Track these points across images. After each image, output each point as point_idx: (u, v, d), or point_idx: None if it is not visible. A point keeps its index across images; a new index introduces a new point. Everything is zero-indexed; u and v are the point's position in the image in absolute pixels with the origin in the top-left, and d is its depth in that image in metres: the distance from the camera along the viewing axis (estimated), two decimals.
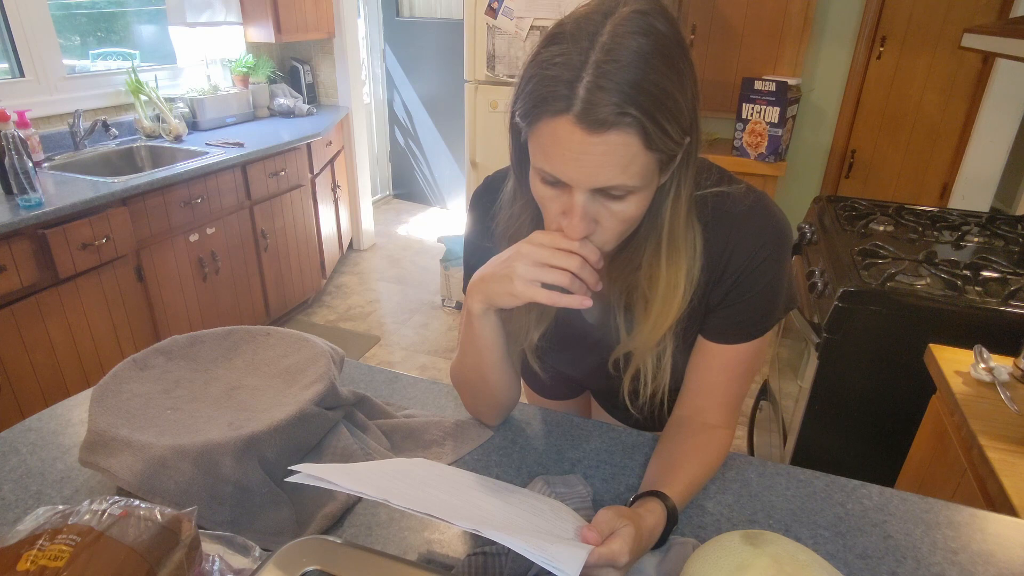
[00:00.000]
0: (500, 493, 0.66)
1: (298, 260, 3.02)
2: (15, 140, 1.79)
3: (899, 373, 1.45)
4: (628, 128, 0.55)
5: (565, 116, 0.55)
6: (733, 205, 0.70)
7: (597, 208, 0.61)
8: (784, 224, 0.72)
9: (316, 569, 0.54)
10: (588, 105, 0.54)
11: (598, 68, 0.54)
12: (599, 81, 0.54)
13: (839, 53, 2.97)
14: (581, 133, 0.55)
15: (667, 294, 0.69)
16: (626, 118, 0.54)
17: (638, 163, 0.57)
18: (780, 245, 0.72)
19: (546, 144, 0.58)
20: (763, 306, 0.74)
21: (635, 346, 0.74)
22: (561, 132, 0.56)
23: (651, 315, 0.70)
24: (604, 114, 0.54)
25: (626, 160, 0.56)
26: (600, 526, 0.58)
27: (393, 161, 4.93)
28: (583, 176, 0.58)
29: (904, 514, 0.74)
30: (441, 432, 0.85)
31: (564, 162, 0.58)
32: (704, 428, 0.78)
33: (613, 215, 0.62)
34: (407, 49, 4.44)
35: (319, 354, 0.85)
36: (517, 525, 0.57)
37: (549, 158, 0.59)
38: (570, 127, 0.55)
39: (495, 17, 2.55)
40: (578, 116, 0.55)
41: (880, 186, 3.11)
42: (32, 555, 0.50)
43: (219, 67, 3.10)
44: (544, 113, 0.57)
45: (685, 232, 0.68)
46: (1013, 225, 1.84)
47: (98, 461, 0.69)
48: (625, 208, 0.61)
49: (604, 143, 0.55)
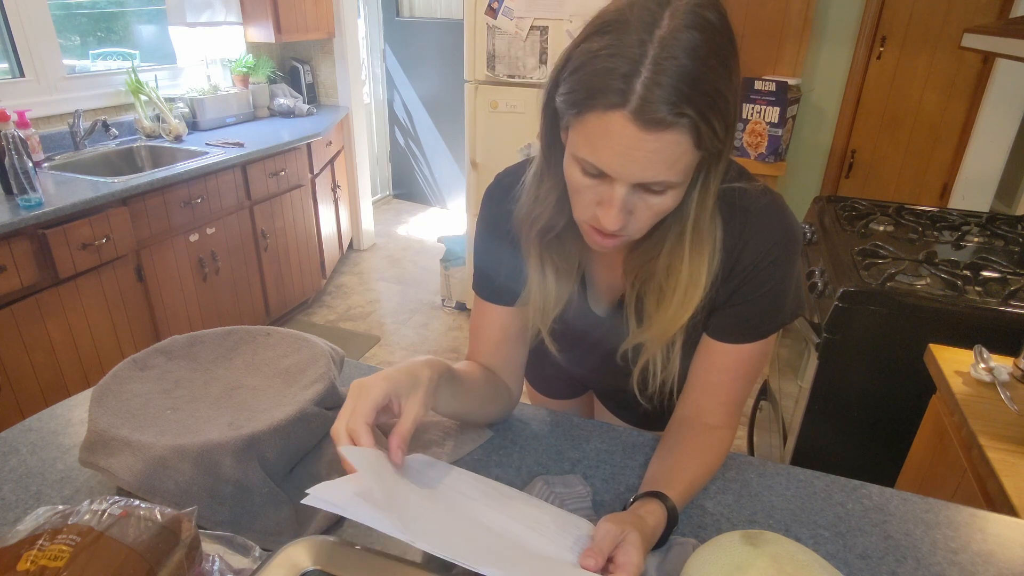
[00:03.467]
0: (501, 504, 0.66)
1: (298, 260, 3.02)
2: (15, 140, 1.79)
3: (899, 373, 1.45)
4: (683, 128, 0.54)
5: (620, 111, 0.54)
6: (749, 202, 0.69)
7: (635, 201, 0.60)
8: (796, 228, 0.72)
9: (316, 569, 0.54)
10: (644, 102, 0.52)
11: (656, 64, 0.52)
12: (657, 78, 0.52)
13: (839, 53, 2.97)
14: (635, 129, 0.54)
15: (688, 285, 0.68)
16: (683, 119, 0.53)
17: (685, 160, 0.56)
18: (790, 248, 0.71)
19: (594, 136, 0.56)
20: (769, 308, 0.73)
21: (648, 337, 0.73)
22: (614, 127, 0.54)
23: (670, 306, 0.69)
24: (662, 113, 0.52)
25: (675, 157, 0.56)
26: (601, 543, 0.58)
27: (393, 161, 4.93)
28: (630, 171, 0.57)
29: (904, 514, 0.74)
30: (441, 432, 0.85)
31: (612, 156, 0.56)
32: (705, 428, 0.78)
33: (649, 208, 0.61)
34: (407, 49, 4.44)
35: (319, 354, 0.85)
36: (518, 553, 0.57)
37: (596, 150, 0.57)
38: (623, 122, 0.54)
39: (495, 17, 2.55)
40: (634, 113, 0.53)
41: (880, 186, 3.11)
42: (32, 555, 0.50)
43: (219, 67, 3.10)
44: (597, 105, 0.55)
45: (710, 224, 0.67)
46: (1013, 225, 1.84)
47: (98, 461, 0.69)
48: (662, 202, 0.61)
49: (658, 141, 0.54)
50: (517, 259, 0.77)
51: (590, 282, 0.82)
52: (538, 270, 0.76)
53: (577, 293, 0.80)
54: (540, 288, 0.76)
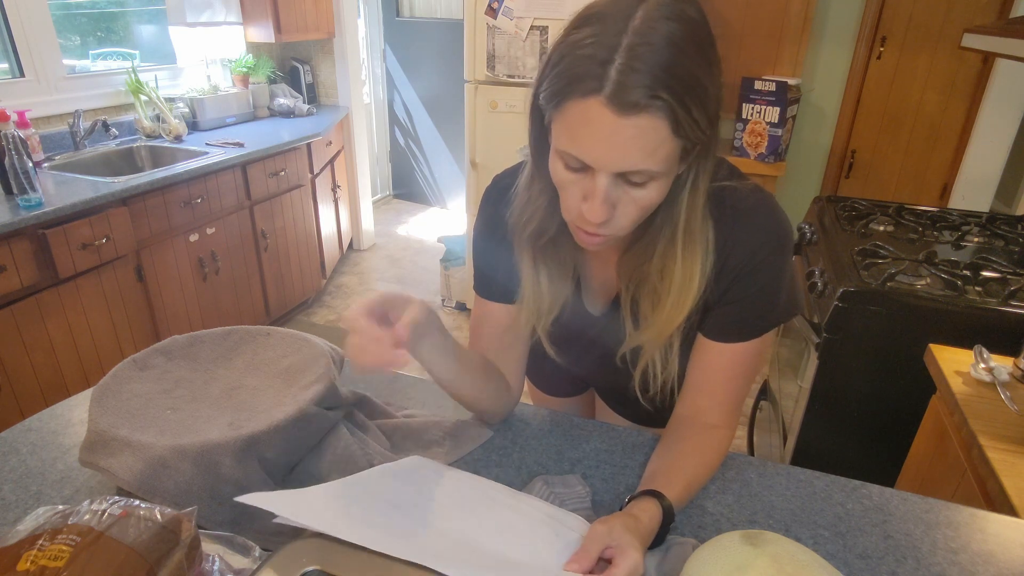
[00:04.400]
0: (487, 509, 0.66)
1: (298, 260, 3.02)
2: (15, 140, 1.79)
3: (899, 373, 1.45)
4: (658, 112, 0.55)
5: (596, 97, 0.55)
6: (738, 200, 0.70)
7: (618, 193, 0.61)
8: (786, 227, 0.72)
9: (316, 569, 0.54)
10: (619, 87, 0.54)
11: (631, 50, 0.54)
12: (632, 63, 0.54)
13: (839, 53, 2.97)
14: (611, 115, 0.55)
15: (682, 286, 0.69)
16: (657, 101, 0.54)
17: (664, 148, 0.57)
18: (781, 246, 0.71)
19: (574, 125, 0.58)
20: (761, 306, 0.73)
21: (645, 340, 0.74)
22: (591, 113, 0.56)
23: (664, 308, 0.70)
24: (636, 96, 0.54)
25: (654, 144, 0.56)
26: (589, 546, 0.59)
27: (393, 161, 4.93)
28: (609, 159, 0.58)
29: (904, 514, 0.74)
30: (441, 432, 0.85)
31: (592, 143, 0.57)
32: (704, 428, 0.78)
33: (633, 201, 0.62)
34: (407, 49, 4.44)
35: (319, 354, 0.85)
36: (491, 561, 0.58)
37: (576, 139, 0.58)
38: (600, 108, 0.55)
39: (495, 17, 2.55)
40: (609, 97, 0.54)
41: (880, 186, 3.11)
42: (32, 555, 0.50)
43: (219, 67, 3.10)
44: (574, 93, 0.56)
45: (702, 224, 0.67)
46: (1013, 225, 1.84)
47: (98, 461, 0.69)
48: (645, 195, 0.61)
49: (634, 126, 0.55)
50: (514, 259, 0.78)
51: (586, 283, 0.82)
52: (532, 274, 0.76)
53: (573, 294, 0.80)
54: (535, 292, 0.77)
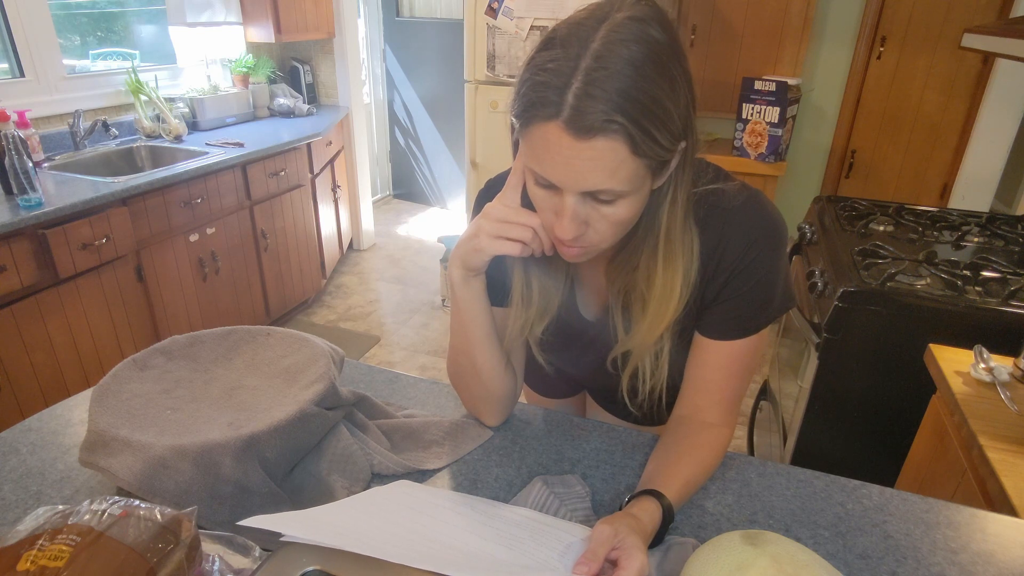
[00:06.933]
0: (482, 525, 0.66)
1: (298, 260, 3.02)
2: (15, 140, 1.79)
3: (899, 373, 1.45)
4: (614, 135, 0.56)
5: (554, 121, 0.56)
6: (726, 201, 0.71)
7: (588, 211, 0.62)
8: (777, 220, 0.73)
9: (316, 569, 0.54)
10: (576, 112, 0.55)
11: (588, 75, 0.55)
12: (588, 88, 0.55)
13: (839, 53, 2.97)
14: (569, 139, 0.56)
15: (663, 296, 0.70)
16: (612, 125, 0.55)
17: (625, 169, 0.58)
18: (773, 241, 0.72)
19: (537, 147, 0.60)
20: (758, 302, 0.74)
21: (633, 345, 0.75)
22: (550, 136, 0.57)
23: (647, 316, 0.71)
24: (591, 121, 0.55)
25: (613, 165, 0.57)
26: (596, 548, 0.59)
27: (393, 161, 4.93)
28: (571, 180, 0.59)
29: (904, 514, 0.74)
30: (441, 432, 0.85)
31: (553, 166, 0.59)
32: (703, 427, 0.78)
33: (603, 218, 0.63)
34: (407, 49, 4.44)
35: (319, 354, 0.85)
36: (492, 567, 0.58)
37: (539, 161, 0.60)
38: (559, 132, 0.57)
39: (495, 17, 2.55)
40: (566, 122, 0.56)
41: (880, 186, 3.11)
42: (32, 555, 0.50)
43: (219, 67, 3.10)
44: (535, 117, 0.58)
45: (682, 235, 0.68)
46: (1013, 225, 1.84)
47: (98, 461, 0.69)
48: (615, 212, 0.62)
49: (591, 149, 0.56)
50: (507, 264, 0.78)
51: (580, 288, 0.83)
52: (521, 282, 0.77)
53: (567, 298, 0.81)
54: (524, 299, 0.78)
